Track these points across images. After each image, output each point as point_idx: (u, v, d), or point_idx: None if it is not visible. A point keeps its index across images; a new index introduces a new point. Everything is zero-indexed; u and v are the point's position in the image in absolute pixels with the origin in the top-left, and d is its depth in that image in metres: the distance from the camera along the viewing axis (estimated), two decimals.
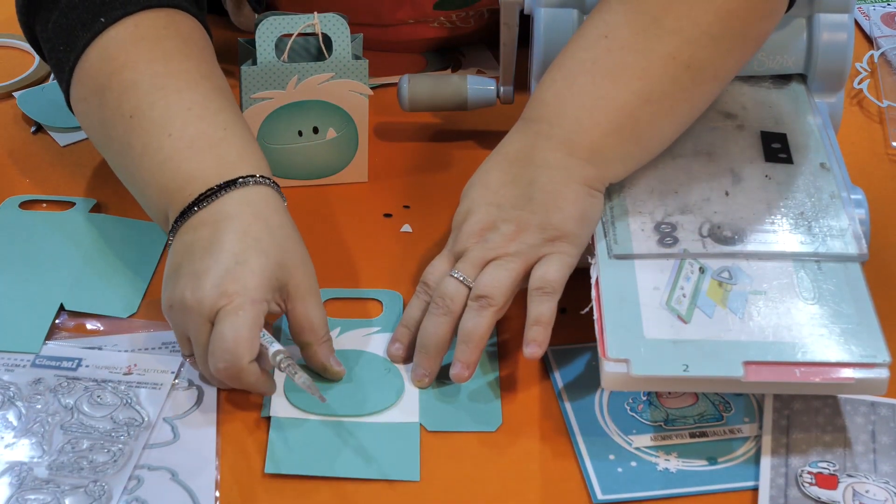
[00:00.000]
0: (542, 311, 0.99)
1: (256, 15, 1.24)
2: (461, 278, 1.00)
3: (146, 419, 0.98)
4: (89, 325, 1.06)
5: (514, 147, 1.05)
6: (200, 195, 1.00)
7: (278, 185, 1.04)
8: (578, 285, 1.05)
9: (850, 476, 0.94)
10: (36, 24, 1.12)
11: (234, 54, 1.18)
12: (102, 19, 1.07)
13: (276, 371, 1.00)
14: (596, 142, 1.03)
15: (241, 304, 0.96)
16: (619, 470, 0.95)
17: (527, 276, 1.01)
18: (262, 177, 1.02)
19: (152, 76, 1.05)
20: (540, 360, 1.03)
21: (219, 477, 0.94)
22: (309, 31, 1.15)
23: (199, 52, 1.09)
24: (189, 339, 0.99)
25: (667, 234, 1.03)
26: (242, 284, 0.97)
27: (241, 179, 1.01)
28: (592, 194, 1.03)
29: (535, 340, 0.99)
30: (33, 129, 1.28)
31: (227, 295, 0.96)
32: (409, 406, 1.00)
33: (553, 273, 1.00)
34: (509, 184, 1.03)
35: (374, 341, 1.05)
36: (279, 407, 0.99)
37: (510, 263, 1.00)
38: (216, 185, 1.01)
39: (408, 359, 1.02)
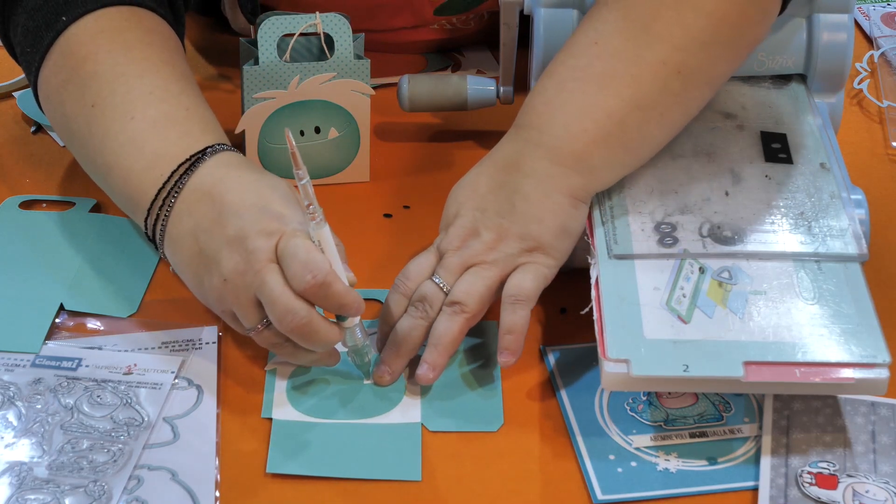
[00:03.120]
0: (515, 321, 0.99)
1: (252, 25, 1.25)
2: (439, 283, 1.01)
3: (146, 419, 0.98)
4: (89, 325, 1.06)
5: (504, 153, 1.05)
6: (173, 172, 1.00)
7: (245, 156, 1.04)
8: (578, 285, 1.05)
9: (850, 476, 0.94)
10: (10, 30, 1.13)
11: (235, 56, 1.18)
12: (64, 18, 1.08)
13: (276, 380, 1.00)
14: (583, 149, 1.03)
15: (292, 232, 0.95)
16: (619, 470, 0.95)
17: (503, 284, 1.01)
18: (228, 146, 1.03)
19: (113, 65, 1.06)
20: (540, 359, 1.03)
21: (219, 477, 0.94)
22: (311, 30, 1.15)
23: (162, 42, 1.09)
24: (253, 306, 0.96)
25: (667, 234, 1.03)
26: (280, 219, 0.96)
27: (209, 149, 1.02)
28: (576, 205, 1.03)
29: (509, 349, 0.99)
30: (33, 129, 1.28)
31: (275, 233, 0.95)
32: (410, 407, 1.00)
33: (528, 283, 1.00)
34: (495, 190, 1.03)
35: (374, 342, 1.05)
36: (280, 410, 0.99)
37: (486, 272, 1.01)
38: (188, 158, 1.01)
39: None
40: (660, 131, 1.06)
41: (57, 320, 1.06)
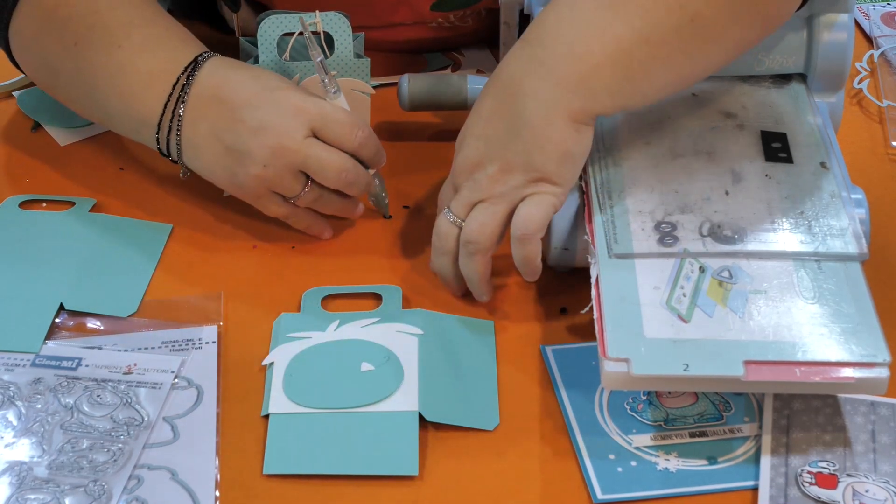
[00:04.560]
0: (525, 255, 1.04)
1: (236, 15, 1.26)
2: (452, 219, 1.05)
3: (146, 419, 0.98)
4: (89, 325, 1.06)
5: (509, 70, 1.05)
6: (174, 84, 1.09)
7: None
8: (578, 285, 1.05)
9: (850, 476, 0.94)
10: None
11: (235, 55, 1.18)
12: None
13: (276, 369, 1.00)
14: (585, 71, 1.02)
15: (315, 102, 1.09)
16: (619, 470, 0.95)
17: (513, 213, 1.03)
18: (213, 53, 1.12)
19: (85, 4, 1.12)
20: (540, 359, 1.03)
21: (219, 477, 0.94)
22: (311, 29, 1.15)
23: None
24: (294, 179, 1.09)
25: (667, 234, 1.03)
26: (298, 92, 1.09)
27: (199, 58, 1.11)
28: (579, 129, 1.03)
29: (528, 276, 1.05)
30: (33, 128, 1.28)
31: (305, 109, 1.08)
32: (408, 395, 0.99)
33: (535, 215, 1.02)
34: (498, 114, 1.04)
35: (374, 331, 1.05)
36: (279, 403, 0.99)
37: (494, 206, 1.03)
38: (184, 69, 1.09)
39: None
40: (664, 74, 1.04)
41: (57, 320, 1.06)
